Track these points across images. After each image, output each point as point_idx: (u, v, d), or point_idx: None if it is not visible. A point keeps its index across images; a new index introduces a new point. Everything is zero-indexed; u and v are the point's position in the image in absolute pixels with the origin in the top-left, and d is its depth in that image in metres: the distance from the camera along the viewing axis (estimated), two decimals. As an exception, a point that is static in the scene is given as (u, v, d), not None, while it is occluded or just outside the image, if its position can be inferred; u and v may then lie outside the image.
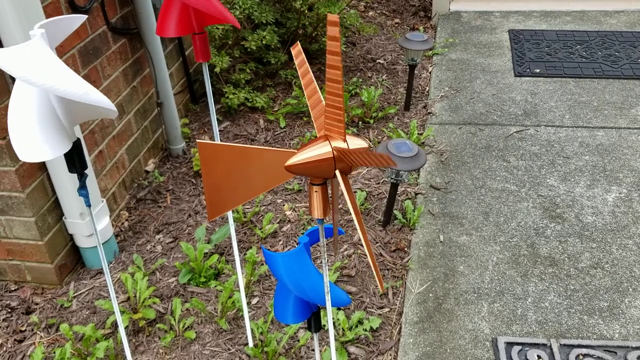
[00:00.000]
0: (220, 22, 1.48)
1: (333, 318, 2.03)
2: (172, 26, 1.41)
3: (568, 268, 2.23)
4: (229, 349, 2.01)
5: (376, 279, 2.14)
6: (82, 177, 1.31)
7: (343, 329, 2.02)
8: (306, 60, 1.07)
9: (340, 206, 2.63)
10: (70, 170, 1.28)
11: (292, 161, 1.01)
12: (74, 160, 1.26)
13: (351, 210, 1.04)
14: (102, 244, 1.66)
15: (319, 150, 1.01)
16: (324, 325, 1.99)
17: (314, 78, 1.06)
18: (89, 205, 1.36)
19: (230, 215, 1.79)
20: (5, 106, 1.94)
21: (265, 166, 1.06)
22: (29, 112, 1.13)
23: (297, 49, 1.11)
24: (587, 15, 4.36)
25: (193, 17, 1.44)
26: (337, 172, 1.03)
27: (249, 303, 2.18)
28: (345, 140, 1.01)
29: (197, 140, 1.10)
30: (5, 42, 1.88)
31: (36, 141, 1.14)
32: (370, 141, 3.10)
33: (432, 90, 3.52)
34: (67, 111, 1.18)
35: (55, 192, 2.20)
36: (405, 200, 2.61)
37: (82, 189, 1.32)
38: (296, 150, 1.03)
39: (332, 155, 1.01)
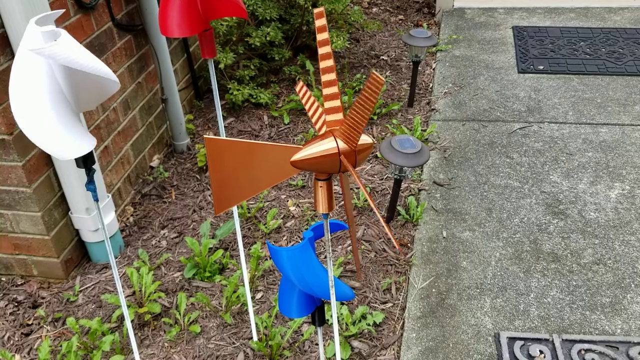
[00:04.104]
0: (232, 13, 1.48)
1: (337, 313, 2.05)
2: (177, 25, 1.42)
3: (570, 264, 2.24)
4: (233, 343, 2.03)
5: (356, 269, 2.15)
6: (89, 172, 1.33)
7: (347, 324, 2.03)
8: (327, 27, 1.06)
9: (341, 202, 2.64)
10: (79, 165, 1.30)
11: (297, 157, 1.03)
12: (84, 155, 1.27)
13: (346, 210, 1.05)
14: (108, 238, 1.69)
15: (324, 146, 1.02)
16: (328, 320, 2.01)
17: (335, 66, 1.05)
18: (96, 200, 1.38)
19: (235, 210, 1.81)
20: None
21: (271, 161, 1.07)
22: (48, 109, 1.16)
23: (321, 18, 1.06)
24: (591, 12, 4.35)
25: (200, 11, 1.45)
26: (344, 160, 1.03)
27: (253, 298, 2.20)
28: (355, 148, 1.03)
29: (204, 136, 1.12)
30: (12, 37, 1.90)
31: (71, 137, 1.19)
32: (374, 137, 3.11)
33: (436, 86, 3.53)
34: (74, 94, 1.20)
35: (61, 187, 2.21)
36: (408, 196, 2.62)
37: (90, 183, 1.34)
38: (301, 146, 1.04)
39: (337, 151, 1.02)
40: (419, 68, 3.71)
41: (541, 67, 3.64)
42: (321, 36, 1.01)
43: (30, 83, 1.15)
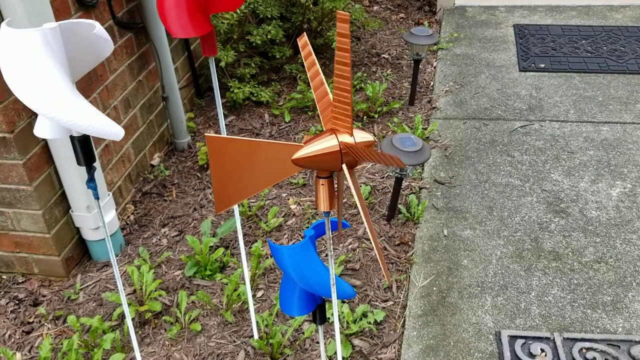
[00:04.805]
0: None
1: (337, 311, 2.05)
2: (180, 24, 1.41)
3: (572, 262, 2.24)
4: (234, 341, 2.03)
5: (382, 270, 2.16)
6: (90, 170, 1.33)
7: (347, 322, 2.03)
8: (312, 52, 1.10)
9: (345, 200, 2.64)
10: (79, 163, 1.30)
11: (299, 154, 1.02)
12: (83, 152, 1.27)
13: (358, 205, 1.05)
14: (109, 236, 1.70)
15: (326, 144, 1.02)
16: (329, 318, 2.01)
17: (320, 71, 1.07)
18: (97, 198, 1.37)
19: (236, 208, 1.81)
20: (14, 100, 1.96)
21: (273, 160, 1.07)
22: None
23: (303, 40, 1.13)
24: (593, 10, 4.35)
25: (204, 8, 1.44)
26: (344, 166, 1.04)
27: (254, 296, 2.20)
28: (352, 135, 1.02)
29: (206, 134, 1.11)
30: (13, 36, 1.90)
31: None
32: (375, 135, 3.11)
33: (437, 85, 3.52)
34: (71, 61, 1.20)
35: (62, 185, 2.21)
36: (409, 194, 2.62)
37: (91, 181, 1.33)
38: (303, 144, 1.04)
39: (338, 149, 1.02)
40: (420, 66, 3.71)
41: (542, 66, 3.63)
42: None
43: (44, 74, 1.13)
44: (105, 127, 1.14)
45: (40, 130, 1.23)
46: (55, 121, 1.12)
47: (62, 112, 1.10)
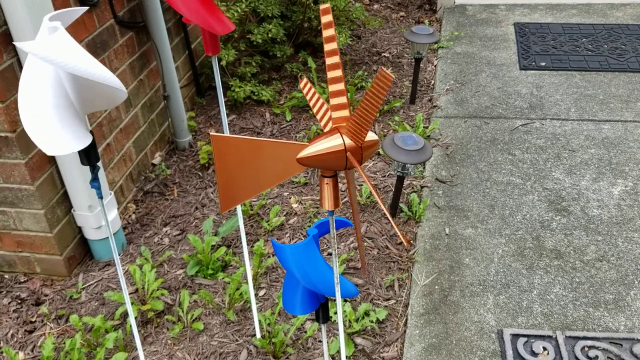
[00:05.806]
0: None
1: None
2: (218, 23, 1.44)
3: (574, 261, 2.24)
4: (236, 340, 2.03)
5: (361, 269, 2.16)
6: (94, 170, 1.33)
7: (350, 321, 2.04)
8: (333, 25, 1.03)
9: (345, 199, 2.64)
10: (83, 162, 1.29)
11: (304, 154, 1.02)
12: (89, 152, 1.27)
13: (352, 207, 1.05)
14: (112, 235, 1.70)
15: (331, 143, 1.02)
16: (331, 317, 2.01)
17: (341, 63, 1.05)
18: (101, 197, 1.37)
19: (238, 207, 1.81)
20: (16, 99, 1.96)
21: (277, 159, 1.07)
22: (47, 105, 1.15)
23: (326, 7, 1.05)
24: (593, 8, 4.35)
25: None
26: (351, 157, 1.02)
27: (256, 295, 2.20)
28: (361, 146, 1.03)
29: (211, 133, 1.11)
30: (15, 34, 1.90)
31: (59, 134, 1.16)
32: (376, 134, 3.10)
33: (438, 83, 3.52)
34: (80, 98, 1.19)
35: (64, 184, 2.21)
36: (411, 193, 2.62)
37: (95, 181, 1.33)
38: (308, 143, 1.04)
39: (343, 148, 1.02)
40: (421, 65, 3.70)
41: (543, 64, 3.63)
42: (327, 32, 1.00)
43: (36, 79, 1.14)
44: (117, 81, 1.16)
45: (57, 145, 1.16)
46: (85, 74, 1.10)
47: (89, 65, 1.11)
